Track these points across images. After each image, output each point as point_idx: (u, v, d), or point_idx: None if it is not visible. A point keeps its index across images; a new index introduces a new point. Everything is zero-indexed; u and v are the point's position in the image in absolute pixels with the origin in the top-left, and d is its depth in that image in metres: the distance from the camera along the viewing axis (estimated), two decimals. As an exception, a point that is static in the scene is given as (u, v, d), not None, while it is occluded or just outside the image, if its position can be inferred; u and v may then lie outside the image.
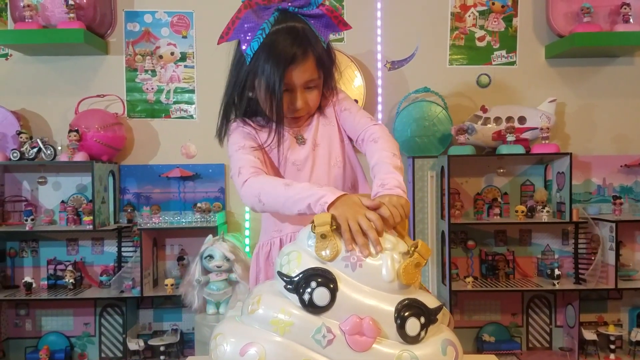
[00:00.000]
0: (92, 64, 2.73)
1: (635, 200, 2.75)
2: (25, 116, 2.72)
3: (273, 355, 1.01)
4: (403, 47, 2.75)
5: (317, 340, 1.02)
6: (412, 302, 1.06)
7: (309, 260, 1.06)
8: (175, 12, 2.75)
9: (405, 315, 1.04)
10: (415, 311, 1.05)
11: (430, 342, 1.06)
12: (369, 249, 1.06)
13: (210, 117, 2.74)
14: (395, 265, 1.06)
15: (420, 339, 1.05)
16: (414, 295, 1.08)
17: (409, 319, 1.04)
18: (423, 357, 1.03)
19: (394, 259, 1.06)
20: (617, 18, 2.62)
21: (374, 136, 1.32)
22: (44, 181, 2.73)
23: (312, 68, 1.30)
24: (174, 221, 2.56)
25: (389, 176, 1.20)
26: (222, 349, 1.03)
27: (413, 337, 1.04)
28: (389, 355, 1.02)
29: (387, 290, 1.06)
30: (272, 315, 1.03)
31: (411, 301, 1.06)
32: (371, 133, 1.38)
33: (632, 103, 2.77)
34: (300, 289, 1.03)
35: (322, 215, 1.09)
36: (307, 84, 1.32)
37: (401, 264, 1.06)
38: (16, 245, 2.72)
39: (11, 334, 2.72)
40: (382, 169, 1.23)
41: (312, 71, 1.31)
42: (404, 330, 1.03)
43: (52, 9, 2.57)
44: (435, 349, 1.06)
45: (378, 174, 1.22)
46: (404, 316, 1.04)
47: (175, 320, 2.73)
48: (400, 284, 1.06)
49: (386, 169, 1.22)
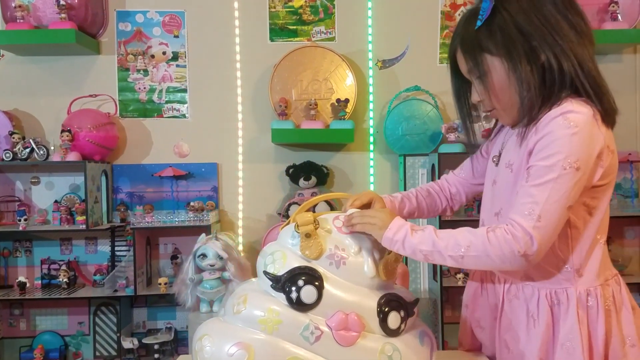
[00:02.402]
0: (84, 64, 2.74)
1: (624, 196, 2.78)
2: (17, 116, 2.73)
3: (262, 353, 1.02)
4: (394, 46, 2.77)
5: (305, 337, 1.04)
6: (392, 296, 1.11)
7: (294, 259, 1.09)
8: (167, 11, 2.76)
9: (387, 309, 1.08)
10: (395, 305, 1.10)
11: (409, 334, 1.12)
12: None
13: (202, 116, 2.78)
14: (375, 262, 1.10)
15: (400, 332, 1.10)
16: (392, 290, 1.13)
17: (390, 313, 1.08)
18: (404, 348, 1.08)
19: (374, 256, 1.11)
20: (605, 16, 2.64)
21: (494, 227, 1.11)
22: (37, 181, 2.74)
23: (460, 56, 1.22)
24: (167, 220, 2.57)
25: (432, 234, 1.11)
26: (208, 350, 1.04)
27: (394, 330, 1.09)
28: (373, 348, 1.06)
29: (369, 286, 1.11)
30: (259, 315, 1.05)
31: (391, 296, 1.11)
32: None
33: (620, 100, 2.73)
34: (287, 288, 1.06)
35: (305, 215, 1.12)
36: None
37: (381, 260, 1.10)
38: (10, 245, 2.73)
39: (5, 333, 2.73)
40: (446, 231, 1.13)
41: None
42: (386, 324, 1.08)
43: (43, 10, 2.58)
44: (414, 340, 1.12)
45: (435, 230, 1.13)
46: (385, 310, 1.08)
47: (169, 318, 2.75)
48: (381, 280, 1.11)
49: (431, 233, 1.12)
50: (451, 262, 1.10)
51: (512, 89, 1.15)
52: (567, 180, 1.07)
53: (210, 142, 2.77)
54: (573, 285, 1.17)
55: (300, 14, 2.76)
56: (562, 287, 1.18)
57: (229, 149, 2.76)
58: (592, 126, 1.12)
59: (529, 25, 1.12)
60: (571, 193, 1.08)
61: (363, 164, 2.78)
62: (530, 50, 1.12)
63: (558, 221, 1.08)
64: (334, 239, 1.13)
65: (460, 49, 1.21)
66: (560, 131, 1.09)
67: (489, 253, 1.08)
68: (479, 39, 1.16)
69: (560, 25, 1.13)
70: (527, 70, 1.13)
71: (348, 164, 2.79)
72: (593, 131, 1.12)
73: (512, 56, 1.13)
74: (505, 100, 1.18)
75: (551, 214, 1.07)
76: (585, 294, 1.17)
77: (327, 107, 2.68)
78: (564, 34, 1.13)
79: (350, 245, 1.12)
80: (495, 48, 1.14)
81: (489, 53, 1.15)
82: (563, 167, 1.07)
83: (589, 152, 1.10)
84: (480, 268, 1.19)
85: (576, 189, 1.09)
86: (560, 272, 1.18)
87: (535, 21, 1.12)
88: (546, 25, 1.12)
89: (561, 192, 1.07)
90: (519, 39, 1.13)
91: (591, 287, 1.17)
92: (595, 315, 1.16)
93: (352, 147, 2.77)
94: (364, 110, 2.76)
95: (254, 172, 2.77)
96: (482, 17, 1.15)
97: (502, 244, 1.07)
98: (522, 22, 1.13)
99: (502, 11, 1.14)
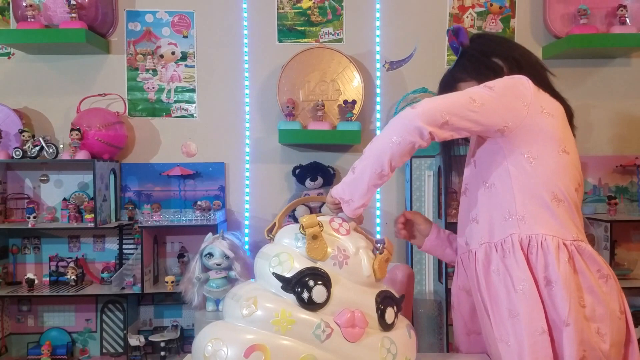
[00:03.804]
0: (93, 63, 2.76)
1: (631, 200, 2.78)
2: (27, 115, 2.75)
3: (277, 354, 1.04)
4: (401, 48, 2.78)
5: (317, 336, 1.07)
6: (387, 293, 1.18)
7: (300, 261, 1.11)
8: (176, 12, 2.78)
9: (384, 305, 1.16)
10: (390, 302, 1.17)
11: (399, 328, 1.20)
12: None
13: (210, 116, 2.79)
14: (370, 261, 1.16)
15: (394, 326, 1.18)
16: (384, 288, 1.21)
17: (387, 308, 1.16)
18: (398, 341, 1.15)
19: (369, 255, 1.14)
20: (614, 20, 2.64)
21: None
22: (46, 179, 2.76)
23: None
24: (174, 219, 2.59)
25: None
26: (222, 353, 1.05)
27: (389, 324, 1.16)
28: (375, 342, 1.12)
29: (366, 284, 1.17)
30: (272, 316, 1.07)
31: (386, 293, 1.18)
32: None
33: (628, 104, 2.79)
34: (297, 289, 1.08)
35: (310, 217, 1.17)
36: None
37: (374, 260, 1.16)
38: (18, 242, 2.75)
39: (13, 329, 2.75)
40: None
41: None
42: (384, 319, 1.15)
43: (54, 9, 2.60)
44: (405, 333, 1.20)
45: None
46: (383, 306, 1.15)
47: (175, 316, 2.77)
48: (375, 278, 1.18)
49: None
50: (387, 156, 1.24)
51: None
52: (477, 87, 1.29)
53: (218, 142, 2.79)
54: (517, 232, 1.26)
55: (308, 15, 2.78)
56: (508, 235, 1.27)
57: (237, 149, 2.77)
58: (518, 80, 1.32)
59: (492, 48, 1.45)
60: (478, 91, 1.27)
61: (369, 165, 2.78)
62: (497, 67, 1.41)
63: (457, 101, 1.25)
64: (334, 241, 1.17)
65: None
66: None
67: (396, 123, 1.26)
68: (453, 75, 1.46)
69: (511, 46, 1.50)
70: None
71: (355, 165, 2.79)
72: (518, 83, 1.31)
73: (483, 75, 1.37)
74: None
75: (453, 96, 1.28)
76: (527, 240, 1.25)
77: (334, 108, 2.69)
78: (517, 50, 1.46)
79: (349, 247, 1.17)
80: (468, 74, 1.42)
81: (463, 81, 1.42)
82: (482, 86, 1.29)
83: (510, 89, 1.29)
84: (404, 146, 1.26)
85: (485, 93, 1.26)
86: (507, 221, 1.29)
87: (496, 45, 1.46)
88: (503, 46, 1.48)
89: (469, 90, 1.29)
90: (485, 60, 1.42)
91: (533, 234, 1.25)
92: (535, 261, 1.24)
93: (359, 149, 2.78)
94: (371, 112, 2.76)
95: (260, 172, 2.78)
96: (455, 52, 1.49)
97: (399, 115, 1.28)
98: (485, 48, 1.45)
99: (468, 49, 1.45)
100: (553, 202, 1.26)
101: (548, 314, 1.22)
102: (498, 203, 1.30)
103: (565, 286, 1.21)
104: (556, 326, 1.22)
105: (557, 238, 1.24)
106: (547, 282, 1.22)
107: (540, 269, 1.23)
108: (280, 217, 1.25)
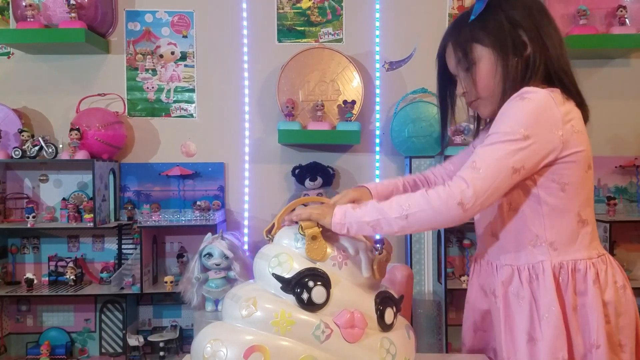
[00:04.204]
0: (93, 63, 2.76)
1: (630, 200, 2.78)
2: (27, 114, 2.75)
3: (276, 355, 1.04)
4: (401, 48, 2.78)
5: (317, 336, 1.07)
6: (386, 294, 1.18)
7: (300, 261, 1.12)
8: (176, 11, 2.78)
9: (383, 306, 1.15)
10: (389, 302, 1.16)
11: (398, 329, 1.19)
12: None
13: (209, 116, 2.79)
14: (369, 262, 1.16)
15: (393, 327, 1.17)
16: (384, 288, 1.21)
17: (386, 309, 1.15)
18: (397, 342, 1.15)
19: (368, 256, 1.16)
20: (613, 20, 2.64)
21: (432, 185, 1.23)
22: (45, 179, 2.76)
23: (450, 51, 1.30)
24: (173, 219, 2.59)
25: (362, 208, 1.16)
26: (221, 354, 1.04)
27: (389, 325, 1.15)
28: (374, 343, 1.11)
29: (365, 285, 1.17)
30: (272, 317, 1.07)
31: (385, 293, 1.18)
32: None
33: (627, 105, 2.80)
34: (297, 289, 1.08)
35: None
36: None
37: (374, 260, 1.16)
38: (18, 242, 2.75)
39: (12, 329, 2.75)
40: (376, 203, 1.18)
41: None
42: (383, 320, 1.14)
43: (53, 9, 2.60)
44: (404, 334, 1.19)
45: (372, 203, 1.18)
46: (382, 307, 1.15)
47: (174, 316, 2.77)
48: (375, 279, 1.17)
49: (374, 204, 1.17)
50: (398, 226, 1.14)
51: (497, 79, 1.22)
52: (513, 144, 1.12)
53: (217, 142, 2.79)
54: (548, 259, 1.21)
55: (308, 15, 2.78)
56: (538, 261, 1.22)
57: (236, 149, 2.77)
58: (547, 102, 1.16)
59: (522, 20, 1.21)
60: (516, 156, 1.12)
61: (369, 165, 2.78)
62: (520, 44, 1.21)
63: (498, 178, 1.12)
64: (333, 242, 1.18)
65: (452, 42, 1.28)
66: (514, 106, 1.16)
67: (429, 206, 1.12)
68: (472, 30, 1.24)
69: (545, 26, 1.22)
70: (513, 61, 1.21)
71: (354, 165, 2.80)
72: (548, 106, 1.16)
73: (502, 47, 1.21)
74: (489, 89, 1.24)
75: (492, 168, 1.12)
76: (558, 266, 1.21)
77: (333, 108, 2.69)
78: (549, 33, 1.22)
79: (348, 247, 1.17)
80: (487, 38, 1.22)
81: (479, 43, 1.23)
82: (512, 132, 1.13)
83: (541, 122, 1.14)
84: (425, 226, 1.18)
85: (523, 155, 1.13)
86: (535, 247, 1.22)
87: (527, 18, 1.21)
88: (534, 23, 1.21)
89: (505, 152, 1.12)
90: (510, 31, 1.21)
91: (564, 260, 1.21)
92: (565, 288, 1.20)
93: (358, 149, 2.78)
94: (370, 112, 2.76)
95: (260, 172, 2.78)
96: (476, 12, 1.23)
97: (440, 194, 1.12)
98: (515, 17, 1.21)
99: (496, 7, 1.22)
100: (579, 225, 1.23)
101: (572, 340, 1.19)
102: (526, 227, 1.23)
103: (595, 310, 1.19)
104: (579, 352, 1.19)
105: (585, 261, 1.22)
106: (576, 307, 1.20)
107: (570, 295, 1.20)
108: (279, 218, 1.24)
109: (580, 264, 1.21)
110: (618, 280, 1.25)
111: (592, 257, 1.23)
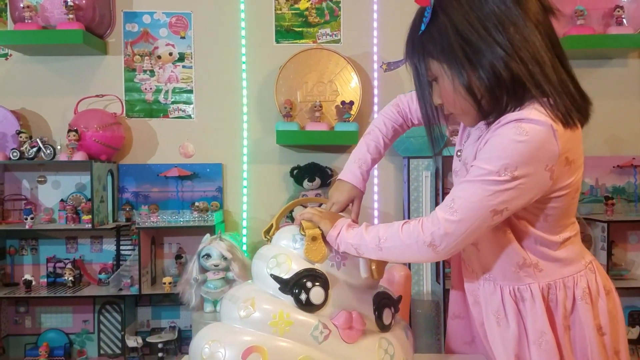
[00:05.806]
0: (91, 64, 2.76)
1: (628, 200, 2.78)
2: (24, 116, 2.75)
3: (274, 355, 1.04)
4: (399, 49, 2.74)
5: (315, 337, 1.07)
6: (384, 294, 1.18)
7: (298, 262, 1.12)
8: (174, 12, 2.78)
9: (381, 306, 1.15)
10: (387, 302, 1.17)
11: (396, 329, 1.19)
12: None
13: (207, 117, 2.79)
14: (368, 262, 1.16)
15: (390, 327, 1.17)
16: (382, 289, 1.21)
17: (384, 309, 1.16)
18: (395, 342, 1.15)
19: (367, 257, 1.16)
20: (611, 20, 2.65)
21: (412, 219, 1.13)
22: (43, 180, 2.76)
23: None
24: (172, 220, 2.59)
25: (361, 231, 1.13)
26: (219, 355, 1.04)
27: (387, 325, 1.16)
28: (372, 343, 1.12)
29: (363, 286, 1.17)
30: (270, 317, 1.07)
31: (383, 294, 1.18)
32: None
33: (624, 104, 2.80)
34: (295, 290, 1.08)
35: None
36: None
37: (372, 261, 1.16)
38: (16, 243, 2.75)
39: (11, 330, 2.75)
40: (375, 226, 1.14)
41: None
42: (382, 320, 1.15)
43: (51, 10, 2.60)
44: (402, 334, 1.20)
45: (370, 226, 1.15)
46: (380, 307, 1.15)
47: (173, 317, 2.77)
48: (373, 279, 1.17)
49: (359, 230, 1.13)
50: (375, 255, 1.12)
51: (462, 95, 1.06)
52: (497, 185, 1.00)
53: (216, 143, 2.79)
54: (535, 280, 1.15)
55: (306, 16, 2.78)
56: (525, 284, 1.15)
57: (234, 150, 2.77)
58: (544, 138, 1.01)
59: (469, 27, 1.02)
60: (500, 197, 1.01)
61: (367, 166, 2.78)
62: (473, 53, 1.03)
63: (476, 222, 1.02)
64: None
65: (408, 60, 1.16)
66: (508, 137, 1.01)
67: (401, 243, 1.07)
68: (423, 43, 1.09)
69: (506, 20, 1.02)
70: (472, 75, 1.04)
71: (352, 166, 2.79)
72: (546, 141, 1.01)
73: (452, 62, 1.05)
74: (458, 106, 1.10)
75: (469, 211, 1.02)
76: (547, 288, 1.15)
77: (331, 109, 2.70)
78: (512, 30, 1.02)
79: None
80: (436, 53, 1.07)
81: (432, 57, 1.08)
82: (498, 173, 1.00)
83: (533, 162, 1.01)
84: (398, 259, 1.13)
85: (507, 196, 1.01)
86: (522, 269, 1.15)
87: (476, 22, 1.02)
88: (489, 23, 1.02)
89: (487, 194, 1.01)
90: (457, 42, 1.03)
91: (552, 280, 1.15)
92: (555, 308, 1.15)
93: (356, 149, 2.78)
94: (368, 113, 2.77)
95: (258, 173, 2.78)
96: (425, 21, 1.08)
97: (411, 234, 1.06)
98: (460, 25, 1.03)
99: (441, 14, 1.05)
100: (564, 243, 1.16)
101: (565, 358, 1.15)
102: (511, 249, 1.15)
103: (587, 325, 1.15)
104: None
105: (574, 276, 1.16)
106: (568, 326, 1.15)
107: (561, 315, 1.15)
108: (277, 218, 1.25)
109: (568, 281, 1.15)
110: (606, 285, 1.21)
111: (580, 269, 1.17)
